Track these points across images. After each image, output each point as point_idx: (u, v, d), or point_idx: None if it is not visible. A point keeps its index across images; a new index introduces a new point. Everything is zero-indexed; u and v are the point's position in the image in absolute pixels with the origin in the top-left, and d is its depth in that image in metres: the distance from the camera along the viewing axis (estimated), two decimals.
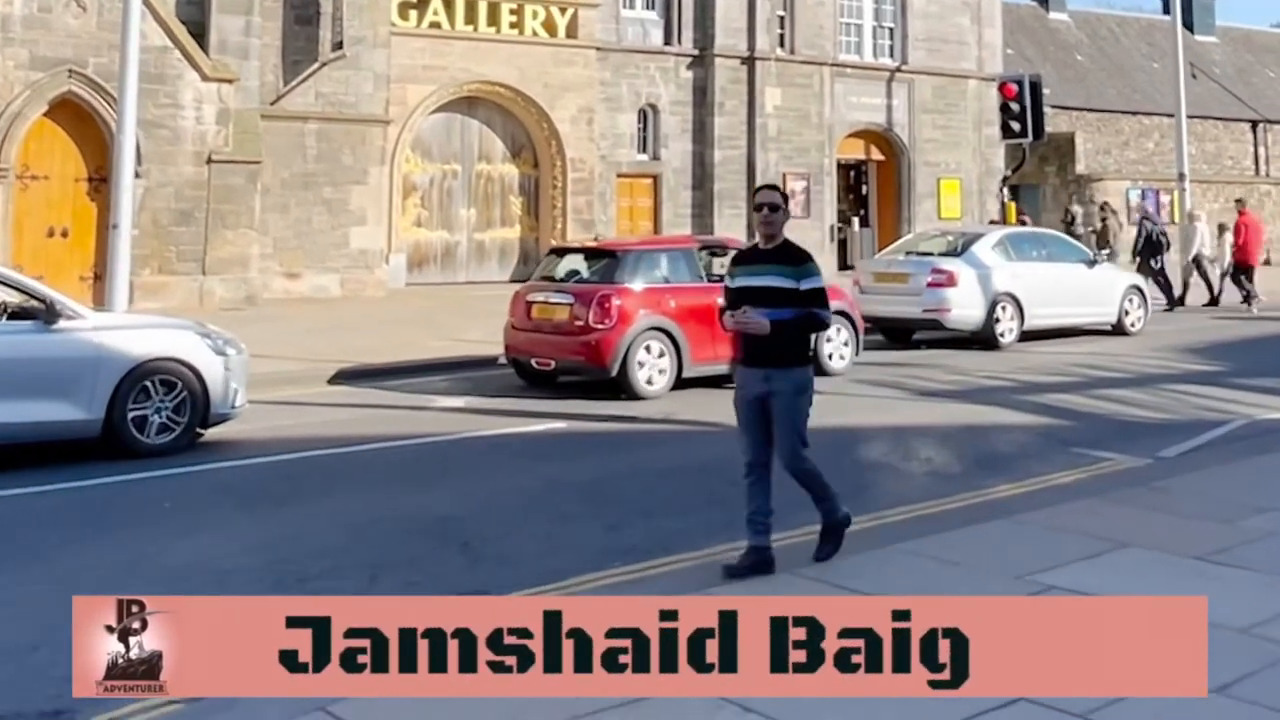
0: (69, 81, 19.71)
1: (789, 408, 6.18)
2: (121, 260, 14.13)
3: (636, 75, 28.36)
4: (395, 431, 10.61)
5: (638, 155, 28.53)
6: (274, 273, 22.44)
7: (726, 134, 29.05)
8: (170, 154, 20.54)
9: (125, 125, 13.78)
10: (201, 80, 20.76)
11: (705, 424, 10.84)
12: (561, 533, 7.40)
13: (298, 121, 23.06)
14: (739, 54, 29.23)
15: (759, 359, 6.21)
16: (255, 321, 16.94)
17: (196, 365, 9.66)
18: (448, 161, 26.41)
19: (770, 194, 6.41)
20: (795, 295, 6.13)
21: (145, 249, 20.10)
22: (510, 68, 26.15)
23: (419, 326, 17.96)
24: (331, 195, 23.28)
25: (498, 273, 26.63)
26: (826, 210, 30.19)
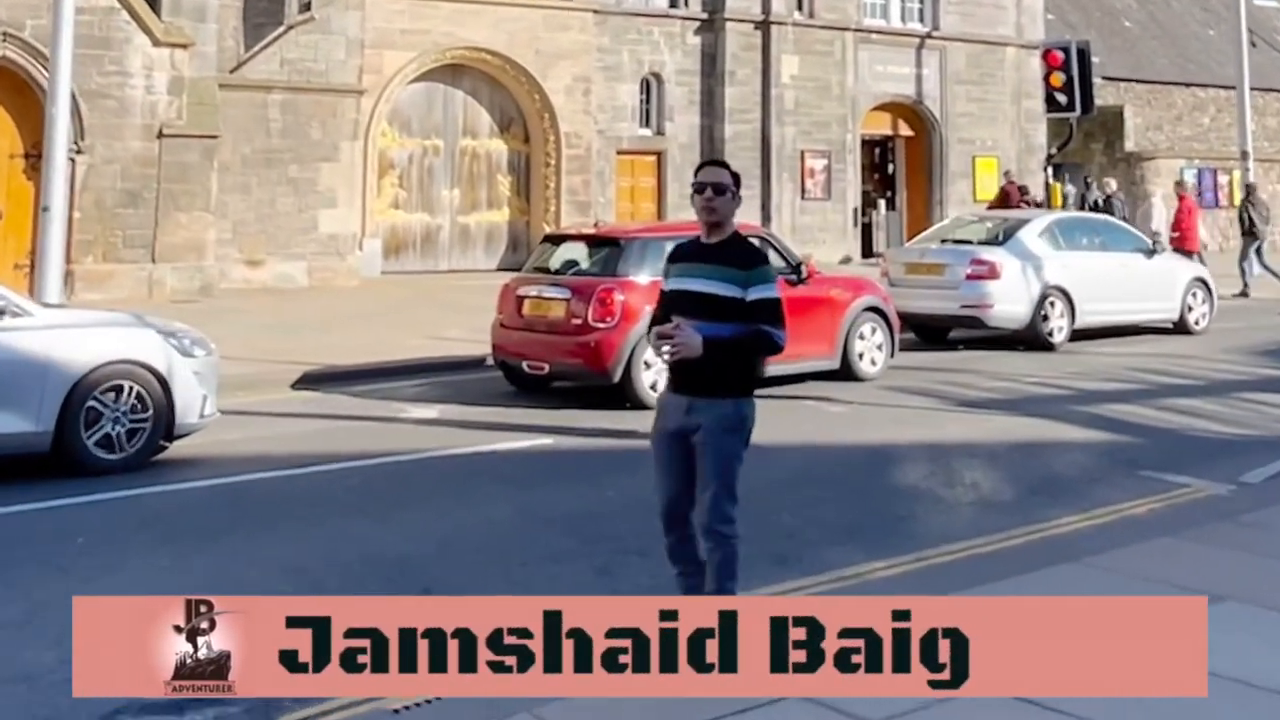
0: (3, 46, 19.09)
1: (716, 449, 5.28)
2: (54, 247, 13.58)
3: (639, 41, 27.80)
4: (357, 449, 10.05)
5: (640, 130, 27.96)
6: (233, 260, 21.84)
7: (738, 106, 28.46)
8: (116, 127, 19.90)
9: (58, 96, 13.18)
10: (152, 45, 20.13)
11: None
12: (540, 577, 6.76)
13: (260, 92, 22.44)
14: (752, 18, 28.66)
15: (684, 384, 5.33)
16: (211, 315, 16.34)
17: (160, 369, 9.16)
18: (429, 136, 25.85)
19: (715, 172, 5.42)
20: (740, 307, 5.20)
21: (88, 234, 19.49)
22: (498, 32, 25.57)
23: (395, 322, 17.47)
24: (298, 174, 22.67)
25: (484, 261, 26.07)
26: (849, 191, 29.63)
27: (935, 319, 16.24)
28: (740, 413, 5.35)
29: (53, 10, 13.60)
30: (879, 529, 7.74)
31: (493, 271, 25.12)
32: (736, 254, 5.31)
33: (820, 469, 9.51)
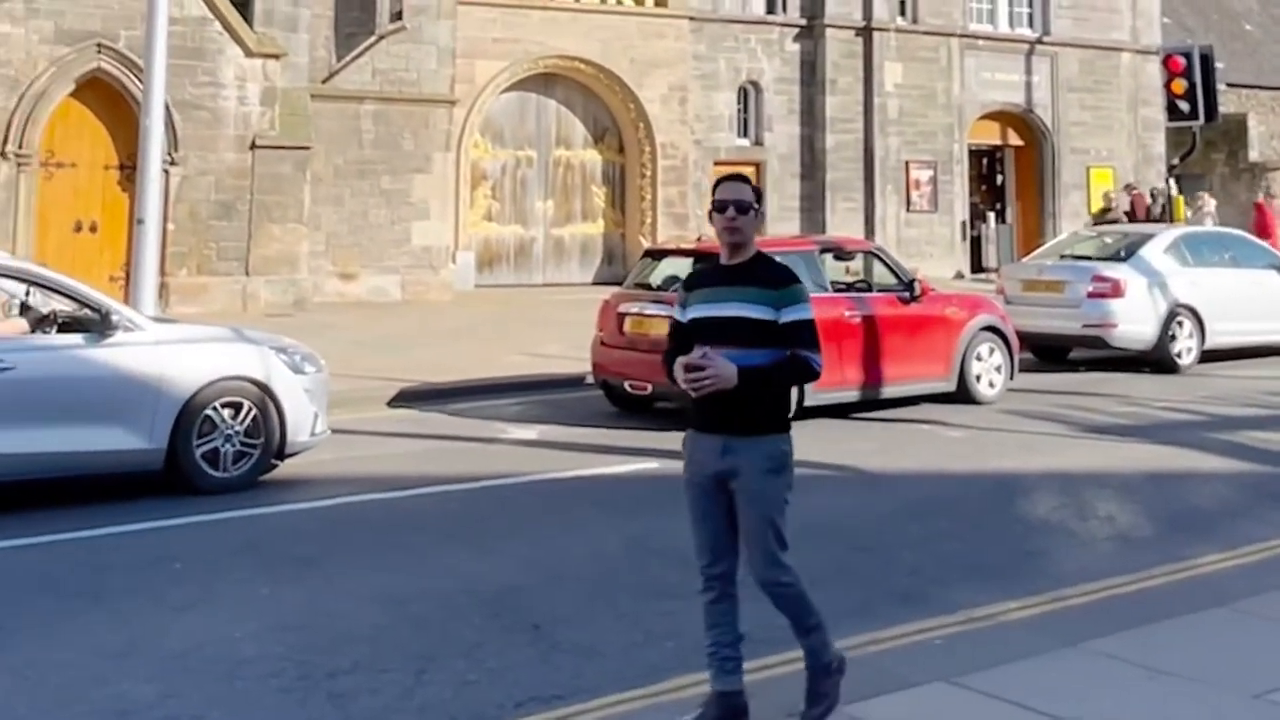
0: (98, 57, 19.44)
1: (760, 493, 4.85)
2: (148, 259, 13.63)
3: (735, 49, 27.63)
4: (456, 471, 9.95)
5: (737, 140, 27.78)
6: (326, 273, 22.02)
7: (840, 116, 28.15)
8: (210, 139, 20.17)
9: (152, 108, 13.22)
10: (245, 56, 20.40)
11: (828, 466, 9.96)
12: (651, 613, 6.55)
13: (352, 102, 22.63)
14: (853, 24, 28.35)
15: (716, 422, 4.89)
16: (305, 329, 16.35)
17: (271, 386, 9.21)
18: (521, 147, 25.89)
19: (736, 188, 5.02)
20: (773, 331, 4.85)
21: (182, 246, 19.78)
22: (592, 41, 25.55)
23: (490, 337, 17.48)
24: (390, 185, 22.79)
25: (579, 274, 26.05)
26: (957, 204, 29.17)
27: (1055, 339, 15.84)
28: (782, 449, 4.95)
29: (146, 21, 13.67)
30: (1009, 566, 7.44)
31: (588, 285, 25.16)
32: (765, 273, 4.97)
33: (941, 499, 9.21)
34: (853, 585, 6.97)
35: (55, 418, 8.51)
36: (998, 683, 5.29)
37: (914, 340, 12.48)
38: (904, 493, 9.36)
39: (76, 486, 8.91)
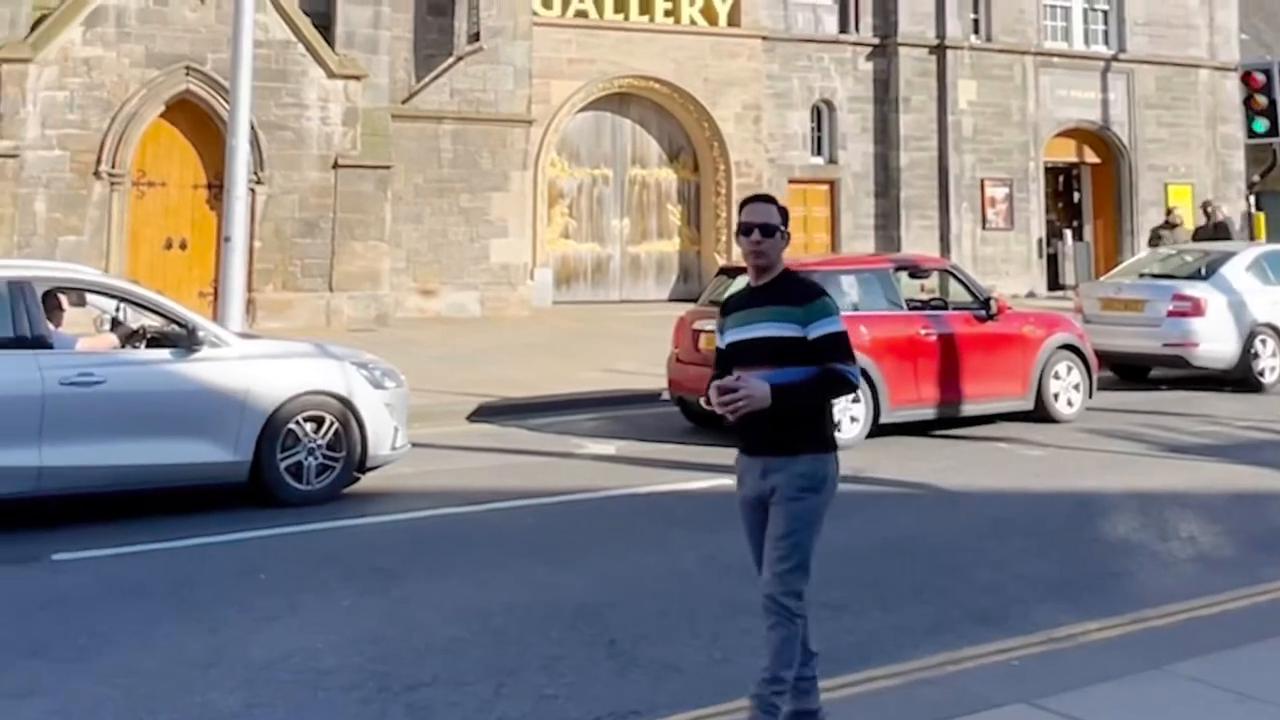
0: (186, 80, 19.78)
1: (792, 512, 4.72)
2: (235, 276, 13.81)
3: (809, 68, 27.54)
4: (535, 485, 9.97)
5: (811, 158, 27.66)
6: (407, 289, 22.21)
7: (914, 134, 27.94)
8: (294, 158, 20.43)
9: (238, 128, 13.43)
10: (327, 77, 20.65)
11: (904, 484, 9.87)
12: (731, 630, 6.46)
13: (431, 122, 22.82)
14: (926, 42, 28.16)
15: (757, 444, 4.82)
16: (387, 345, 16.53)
17: (352, 401, 9.30)
18: (598, 166, 25.96)
19: (762, 209, 4.90)
20: (803, 347, 4.75)
21: (268, 263, 20.05)
22: (665, 60, 25.58)
23: (567, 353, 17.51)
24: (469, 203, 22.95)
25: (655, 291, 26.06)
26: (1033, 221, 28.84)
27: (1135, 357, 15.57)
28: (821, 470, 4.79)
29: (232, 45, 13.87)
30: (1089, 585, 7.29)
31: (664, 302, 25.18)
32: (791, 291, 4.85)
33: (1019, 518, 9.05)
34: (930, 604, 6.88)
35: (144, 431, 8.64)
36: (1080, 705, 5.16)
37: (991, 358, 12.32)
38: (981, 511, 9.21)
39: (166, 498, 9.04)
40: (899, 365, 11.67)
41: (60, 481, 8.45)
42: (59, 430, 8.34)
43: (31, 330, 8.55)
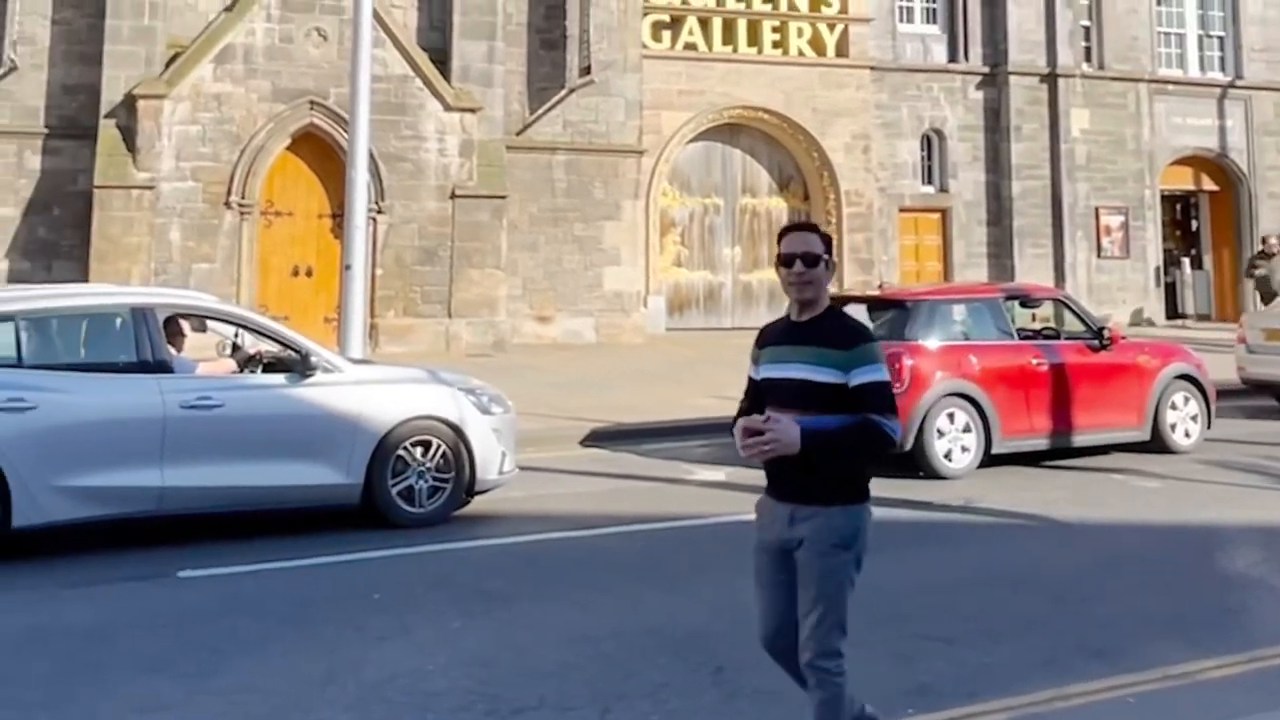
0: (310, 113, 20.22)
1: (822, 570, 4.39)
2: (356, 302, 14.05)
3: (918, 97, 27.25)
4: (645, 510, 9.92)
5: (922, 187, 27.35)
6: (524, 315, 22.38)
7: (1026, 162, 27.46)
8: (413, 189, 20.75)
9: (357, 160, 13.68)
10: (444, 110, 20.94)
11: (1016, 515, 9.64)
12: None
13: (545, 153, 23.00)
14: (1037, 71, 27.70)
15: (785, 489, 4.48)
16: (503, 370, 16.73)
17: (460, 426, 9.35)
18: (708, 195, 25.95)
19: (804, 239, 4.52)
20: (843, 394, 4.36)
21: (389, 289, 20.36)
22: (774, 91, 25.51)
23: (680, 379, 17.46)
24: (583, 232, 23.08)
25: (767, 317, 25.19)
26: (1149, 250, 28.14)
27: None
28: (853, 524, 4.44)
29: (350, 80, 14.11)
30: (1206, 622, 7.02)
31: None
32: (834, 332, 4.44)
33: (1134, 551, 8.77)
34: (1042, 637, 6.69)
35: (259, 453, 8.77)
36: None
37: (1105, 388, 12.02)
38: (1096, 543, 8.95)
39: (286, 518, 9.17)
40: (1010, 395, 11.47)
41: (181, 502, 8.62)
42: (179, 452, 8.50)
43: (153, 355, 8.73)
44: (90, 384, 8.51)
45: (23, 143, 20.62)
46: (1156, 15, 28.92)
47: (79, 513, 8.31)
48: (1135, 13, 28.54)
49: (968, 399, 11.32)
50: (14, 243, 20.47)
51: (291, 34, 20.27)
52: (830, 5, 26.13)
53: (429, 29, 21.80)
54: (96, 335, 9.15)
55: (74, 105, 20.66)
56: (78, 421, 8.31)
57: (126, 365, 8.73)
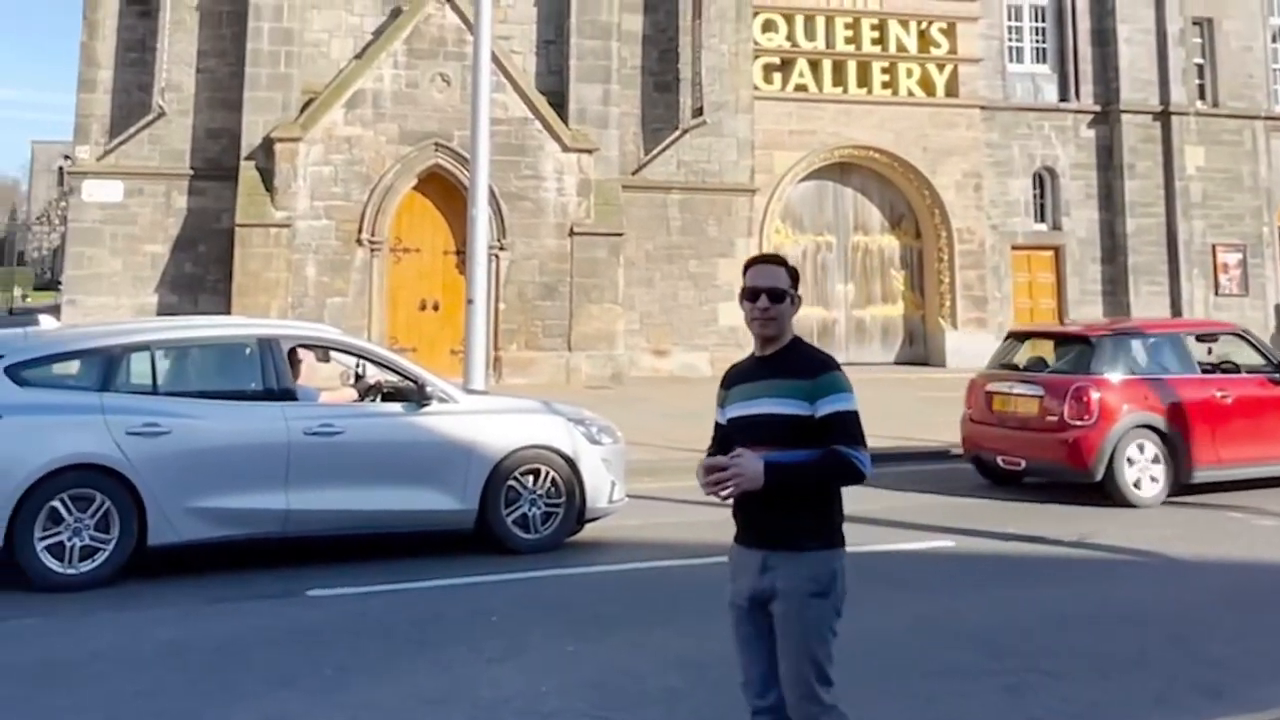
0: (435, 155, 20.65)
1: (801, 621, 4.06)
2: (478, 335, 14.22)
3: (1029, 135, 26.89)
4: None
5: (1034, 225, 26.95)
6: (640, 349, 22.51)
7: (1140, 200, 26.89)
8: (533, 226, 21.02)
9: (479, 198, 13.88)
10: (562, 151, 21.22)
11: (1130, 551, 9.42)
12: (944, 693, 6.24)
13: (660, 191, 23.21)
14: (1150, 109, 27.17)
15: (754, 534, 4.14)
16: (621, 402, 16.79)
17: (571, 455, 9.43)
18: (820, 232, 25.87)
19: (769, 272, 4.26)
20: (809, 426, 4.05)
21: (511, 323, 20.63)
22: (884, 131, 25.37)
23: None
24: (697, 269, 23.16)
25: (880, 354, 25.73)
26: (1269, 288, 27.42)
27: None
28: (829, 568, 4.11)
29: (471, 123, 14.33)
30: None
31: (890, 365, 24.88)
32: (799, 362, 4.16)
33: (1251, 590, 8.47)
34: (1154, 675, 6.49)
35: (378, 478, 8.90)
36: None
37: None
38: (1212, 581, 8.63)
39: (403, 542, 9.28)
40: (1197, 427, 11.44)
41: (304, 524, 8.77)
42: (303, 476, 8.66)
43: (279, 383, 8.93)
44: (220, 411, 8.70)
45: (171, 183, 21.40)
46: (1272, 52, 28.19)
47: (209, 533, 8.50)
48: (1250, 50, 27.86)
49: (1155, 431, 11.33)
50: (163, 278, 21.23)
51: (417, 79, 20.73)
52: (939, 46, 25.94)
53: (547, 73, 22.15)
54: (226, 364, 9.38)
55: (217, 148, 21.38)
56: (208, 446, 8.51)
57: (253, 393, 8.95)
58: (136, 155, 21.43)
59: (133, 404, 8.45)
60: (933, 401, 18.82)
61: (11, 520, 7.97)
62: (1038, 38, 27.71)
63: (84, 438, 8.22)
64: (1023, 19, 27.64)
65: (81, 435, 8.23)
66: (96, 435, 8.23)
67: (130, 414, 8.36)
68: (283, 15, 20.92)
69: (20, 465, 8.03)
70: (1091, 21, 27.53)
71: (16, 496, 7.99)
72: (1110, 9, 27.34)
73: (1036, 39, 27.70)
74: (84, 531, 8.14)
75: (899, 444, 14.43)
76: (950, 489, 12.27)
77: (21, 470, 8.02)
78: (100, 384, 8.50)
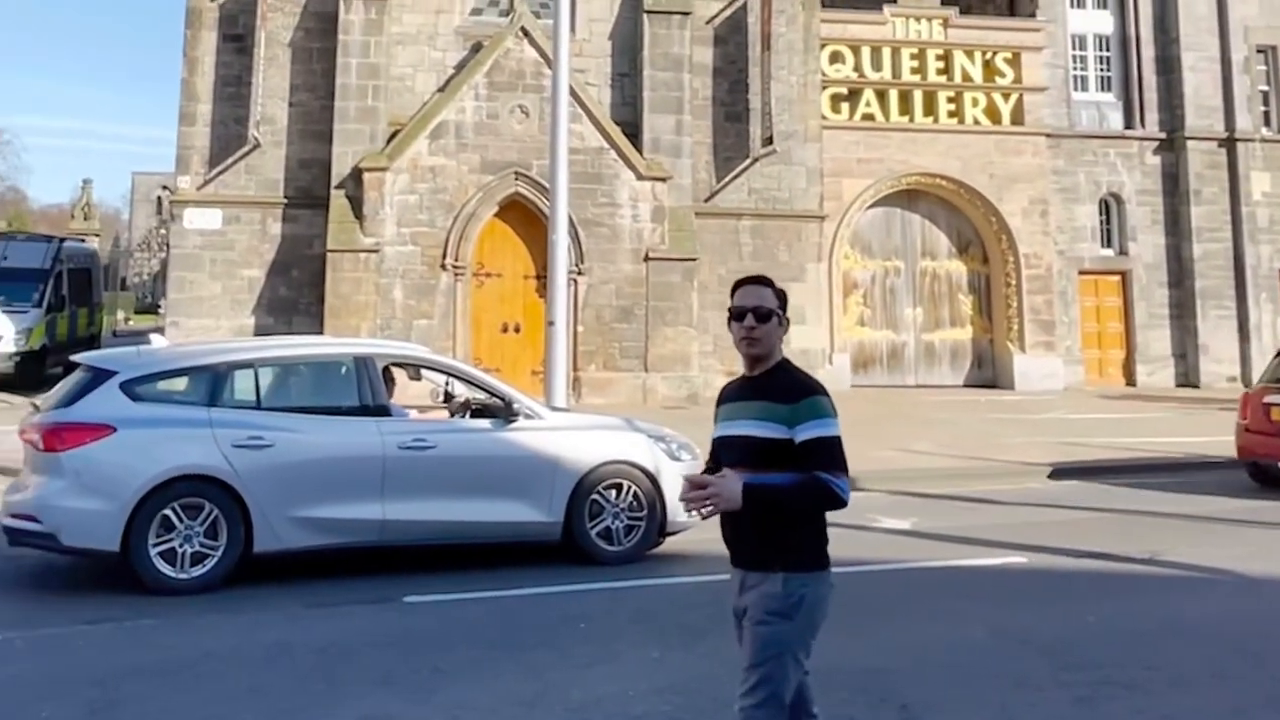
0: (515, 183, 20.96)
1: (759, 638, 4.00)
2: (558, 357, 14.38)
3: (1094, 162, 26.66)
4: (832, 554, 9.75)
5: (1101, 250, 26.69)
6: (715, 370, 22.56)
7: (1206, 225, 26.55)
8: (609, 252, 21.22)
9: (557, 225, 14.07)
10: (636, 179, 21.44)
11: (1202, 569, 9.32)
12: (1018, 703, 6.24)
13: (731, 218, 23.30)
14: (1215, 135, 26.83)
15: (738, 554, 4.13)
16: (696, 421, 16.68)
17: (652, 471, 9.58)
18: (889, 258, 25.82)
19: (756, 292, 4.20)
20: (788, 450, 3.97)
21: (590, 345, 20.82)
22: (951, 158, 25.30)
23: (865, 434, 17.07)
24: None
25: (950, 376, 25.60)
26: None
27: None
28: (796, 593, 4.00)
29: (549, 152, 14.53)
30: None
31: (959, 387, 24.78)
32: (781, 386, 4.07)
33: None
34: (1228, 689, 6.45)
35: (468, 490, 9.07)
36: None
37: None
38: None
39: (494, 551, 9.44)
40: None
41: (400, 533, 8.95)
42: (397, 488, 8.84)
43: (374, 400, 9.13)
44: (319, 425, 8.90)
45: (266, 211, 21.90)
46: None
47: (311, 541, 8.71)
48: None
49: None
50: (259, 301, 21.70)
51: (497, 111, 21.06)
52: (1004, 76, 25.84)
53: (621, 104, 22.39)
54: (324, 381, 9.57)
55: (308, 177, 21.86)
56: (309, 459, 8.71)
57: (350, 409, 9.14)
58: (234, 185, 21.96)
59: (238, 418, 8.68)
60: (1002, 423, 18.71)
61: (128, 526, 8.23)
62: (1102, 66, 27.49)
63: (194, 450, 8.46)
64: (1087, 48, 27.44)
65: (191, 447, 8.47)
66: (205, 447, 8.47)
67: (236, 427, 8.59)
68: (370, 51, 21.37)
69: (136, 475, 8.29)
70: (1156, 50, 27.27)
71: (133, 504, 8.25)
72: (1174, 37, 27.08)
73: (1101, 67, 27.48)
74: (194, 538, 8.39)
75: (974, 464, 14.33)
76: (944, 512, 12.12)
77: (137, 479, 8.28)
78: (207, 399, 8.75)
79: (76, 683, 6.41)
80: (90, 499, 8.25)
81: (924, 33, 25.70)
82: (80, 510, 8.23)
